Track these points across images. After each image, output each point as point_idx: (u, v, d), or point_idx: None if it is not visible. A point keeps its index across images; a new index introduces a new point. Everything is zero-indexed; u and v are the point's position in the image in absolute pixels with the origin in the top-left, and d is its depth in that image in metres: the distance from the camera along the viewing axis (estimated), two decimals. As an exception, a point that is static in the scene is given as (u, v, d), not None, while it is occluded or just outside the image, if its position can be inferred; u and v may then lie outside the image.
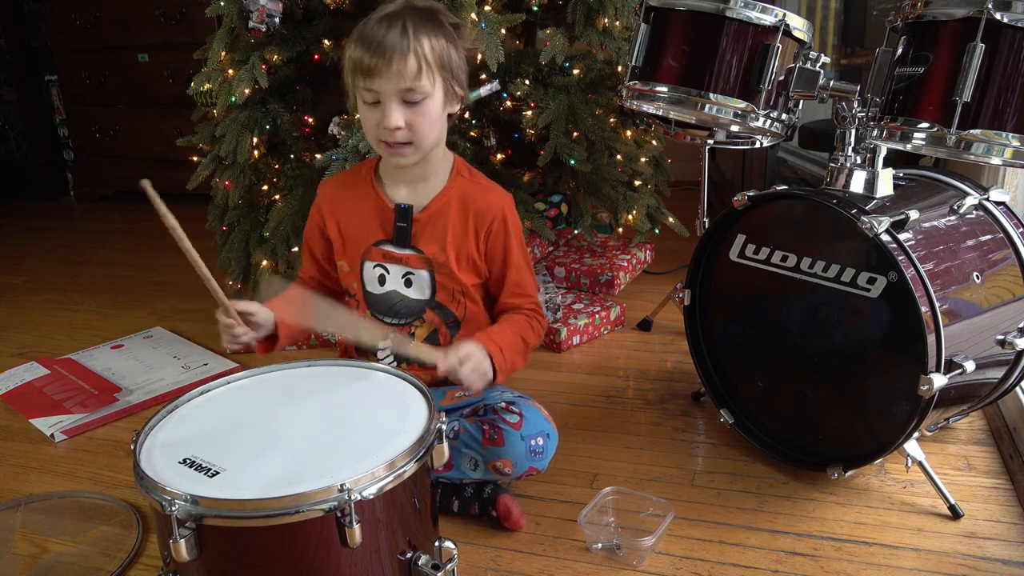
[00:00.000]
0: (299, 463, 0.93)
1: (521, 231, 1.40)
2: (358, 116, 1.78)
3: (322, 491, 0.87)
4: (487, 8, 1.84)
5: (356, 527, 0.87)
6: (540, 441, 1.29)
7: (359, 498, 0.87)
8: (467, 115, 2.09)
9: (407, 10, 1.22)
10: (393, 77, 1.18)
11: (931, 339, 1.17)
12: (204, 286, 1.14)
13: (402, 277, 1.35)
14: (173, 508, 0.85)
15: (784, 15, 1.44)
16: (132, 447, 0.96)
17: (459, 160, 1.39)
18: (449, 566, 1.01)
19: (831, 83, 1.45)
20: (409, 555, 0.97)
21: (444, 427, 1.00)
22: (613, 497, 1.32)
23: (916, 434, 1.28)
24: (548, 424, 1.32)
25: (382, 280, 1.36)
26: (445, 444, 0.99)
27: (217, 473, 0.91)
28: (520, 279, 1.39)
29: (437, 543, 1.05)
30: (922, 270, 1.19)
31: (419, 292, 1.36)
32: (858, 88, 1.39)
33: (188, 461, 0.94)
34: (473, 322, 1.40)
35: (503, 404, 1.31)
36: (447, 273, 1.34)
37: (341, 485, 0.87)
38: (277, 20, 1.83)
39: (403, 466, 0.92)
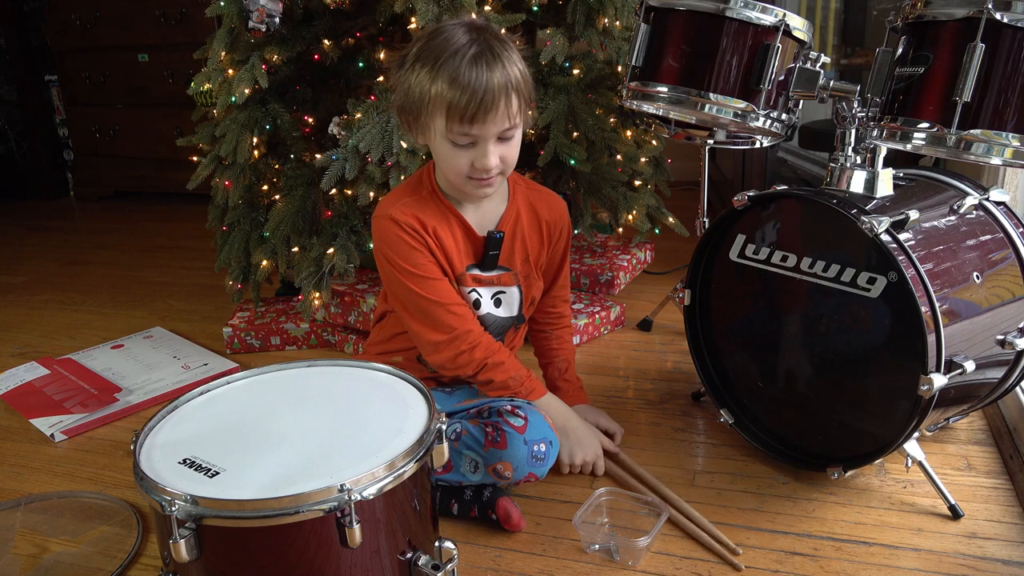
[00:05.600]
0: (299, 463, 0.93)
1: None
2: (359, 116, 1.78)
3: (322, 491, 0.87)
4: (487, 8, 1.84)
5: (356, 527, 0.87)
6: (543, 447, 1.29)
7: (359, 498, 0.87)
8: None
9: (488, 40, 1.19)
10: (498, 121, 1.19)
11: (931, 339, 1.17)
12: (204, 286, 1.15)
13: (492, 298, 1.39)
14: (173, 508, 0.85)
15: (784, 15, 1.44)
16: (132, 447, 0.96)
17: None
18: (449, 566, 1.01)
19: (831, 83, 1.44)
20: (409, 555, 0.97)
21: (444, 427, 1.00)
22: (607, 498, 1.32)
23: (916, 434, 1.28)
24: (552, 432, 1.32)
25: (477, 305, 1.39)
26: (445, 444, 0.99)
27: (217, 473, 0.91)
28: (568, 275, 1.54)
29: (437, 543, 1.05)
30: (922, 270, 1.19)
31: (507, 310, 1.41)
32: (858, 88, 1.39)
33: (188, 461, 0.94)
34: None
35: (508, 407, 1.32)
36: (528, 284, 1.40)
37: (341, 485, 0.87)
38: (277, 20, 1.83)
39: (403, 466, 0.92)
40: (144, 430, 1.00)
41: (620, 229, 2.20)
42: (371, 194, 1.78)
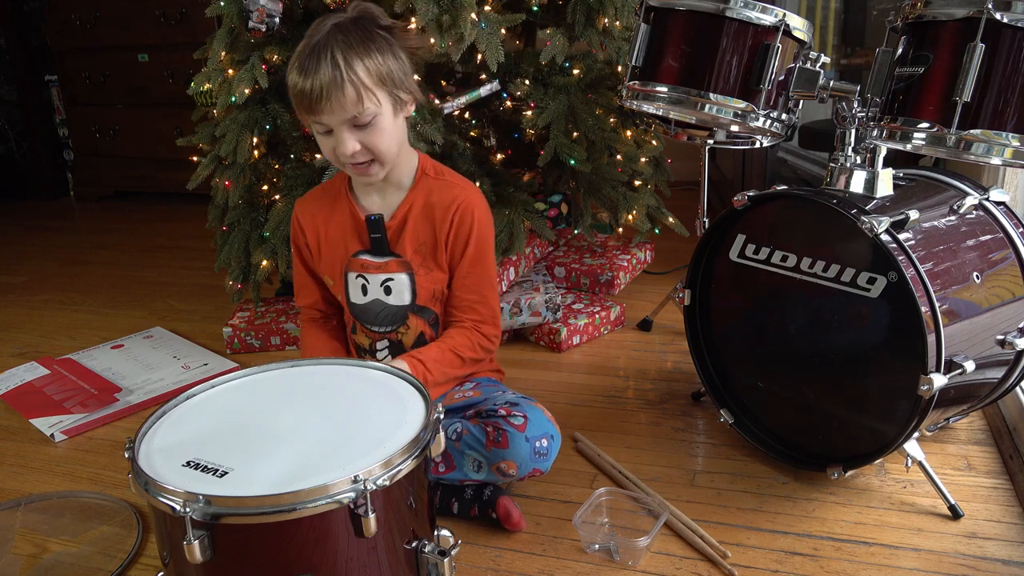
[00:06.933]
0: (307, 458, 0.93)
1: (490, 231, 1.40)
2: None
3: (339, 483, 0.87)
4: (487, 8, 1.84)
5: (371, 516, 0.88)
6: (544, 443, 1.29)
7: (374, 488, 0.88)
8: (467, 115, 2.09)
9: (334, 34, 1.20)
10: (335, 111, 1.20)
11: (931, 339, 1.17)
12: (204, 286, 1.15)
13: (381, 285, 1.38)
14: (187, 510, 0.84)
15: (784, 15, 1.44)
16: (127, 455, 0.95)
17: (425, 159, 1.40)
18: (454, 552, 1.01)
19: (831, 83, 1.45)
20: (414, 544, 0.98)
21: (442, 416, 1.01)
22: (607, 498, 1.33)
23: (916, 434, 1.28)
24: (552, 426, 1.32)
25: (364, 290, 1.40)
26: (442, 434, 1.01)
27: (226, 473, 0.91)
28: (474, 276, 1.37)
29: (435, 532, 1.05)
30: (922, 270, 1.19)
31: (398, 298, 1.38)
32: (858, 88, 1.39)
33: (193, 464, 0.93)
34: None
35: (506, 406, 1.32)
36: (424, 274, 1.37)
37: (355, 476, 0.87)
38: (277, 20, 1.83)
39: (411, 455, 0.93)
40: (137, 437, 0.99)
41: (620, 229, 2.21)
42: (371, 194, 1.78)
